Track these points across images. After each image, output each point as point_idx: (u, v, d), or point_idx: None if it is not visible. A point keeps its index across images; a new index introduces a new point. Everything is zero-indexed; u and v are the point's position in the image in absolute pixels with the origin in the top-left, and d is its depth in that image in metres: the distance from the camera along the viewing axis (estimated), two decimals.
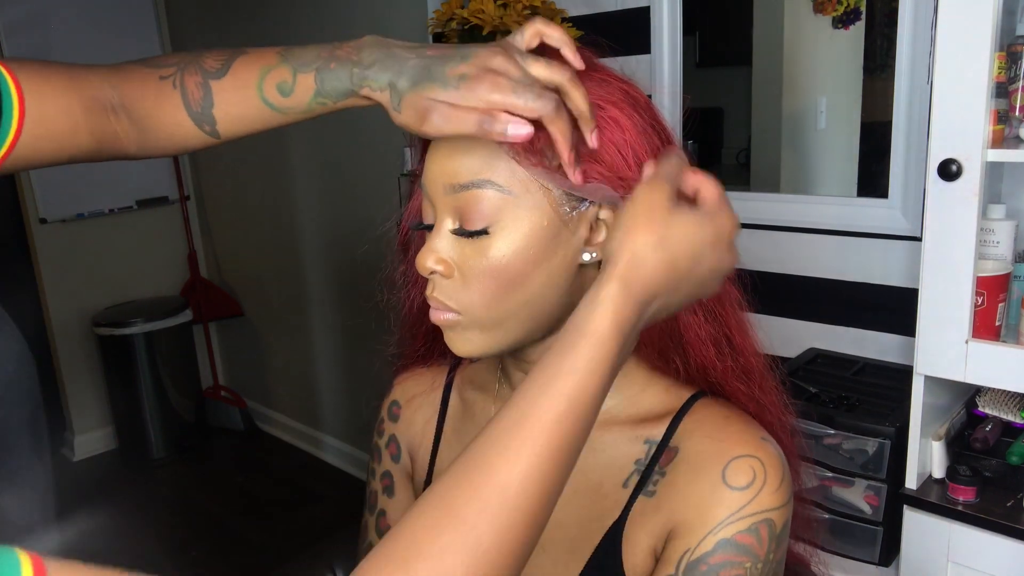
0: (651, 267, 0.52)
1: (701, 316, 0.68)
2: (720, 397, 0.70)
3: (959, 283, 1.17)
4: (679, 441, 0.67)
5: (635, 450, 0.68)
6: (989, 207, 1.18)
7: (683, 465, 0.65)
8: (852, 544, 1.44)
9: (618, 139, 0.63)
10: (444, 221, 0.63)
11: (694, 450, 0.65)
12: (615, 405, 0.70)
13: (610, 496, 0.68)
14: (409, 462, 0.83)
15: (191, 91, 0.71)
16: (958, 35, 1.11)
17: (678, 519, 0.63)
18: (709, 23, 1.99)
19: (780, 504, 0.63)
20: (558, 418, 0.48)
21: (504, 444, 0.48)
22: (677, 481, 0.65)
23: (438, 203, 0.63)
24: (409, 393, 0.84)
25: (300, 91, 0.68)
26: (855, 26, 1.71)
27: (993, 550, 1.19)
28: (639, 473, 0.67)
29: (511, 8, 1.82)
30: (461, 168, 0.61)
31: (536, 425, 0.48)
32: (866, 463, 1.41)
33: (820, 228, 1.69)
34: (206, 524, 2.91)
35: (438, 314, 0.64)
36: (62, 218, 3.22)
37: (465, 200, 0.61)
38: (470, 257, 0.61)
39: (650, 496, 0.66)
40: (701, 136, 1.98)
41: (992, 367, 1.17)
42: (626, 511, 0.67)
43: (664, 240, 0.52)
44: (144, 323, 3.21)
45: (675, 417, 0.68)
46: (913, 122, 1.51)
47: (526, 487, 0.47)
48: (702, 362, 0.68)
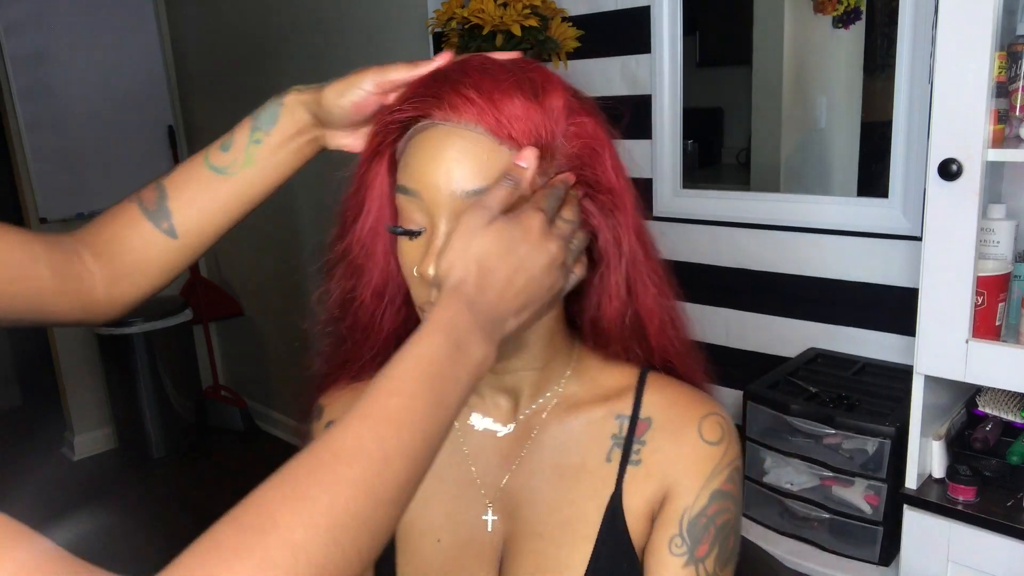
0: (462, 274, 0.57)
1: (656, 307, 0.73)
2: (659, 370, 0.76)
3: (959, 283, 1.17)
4: (648, 412, 0.73)
5: (609, 426, 0.73)
6: (989, 207, 1.18)
7: (660, 432, 0.71)
8: (852, 544, 1.44)
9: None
10: (451, 225, 0.62)
11: (665, 417, 0.72)
12: (578, 390, 0.74)
13: (597, 472, 0.72)
14: None
15: (146, 196, 0.75)
16: (958, 35, 1.11)
17: (670, 481, 0.70)
18: (709, 23, 1.99)
19: (739, 449, 0.73)
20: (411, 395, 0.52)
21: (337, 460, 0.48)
22: (660, 447, 0.71)
23: (440, 208, 0.62)
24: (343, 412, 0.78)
25: (238, 136, 0.73)
26: (855, 26, 1.71)
27: (993, 550, 1.19)
28: (619, 446, 0.72)
29: (511, 8, 1.82)
30: (475, 173, 0.61)
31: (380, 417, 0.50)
32: (866, 463, 1.41)
33: (820, 228, 1.69)
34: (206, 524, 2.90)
35: None
36: (62, 218, 3.22)
37: None
38: None
39: (637, 465, 0.71)
40: (701, 136, 1.98)
41: (992, 367, 1.17)
42: (619, 483, 0.71)
43: (470, 249, 0.57)
44: (144, 323, 3.21)
45: (637, 392, 0.74)
46: (913, 122, 1.51)
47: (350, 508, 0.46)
48: (662, 345, 0.74)
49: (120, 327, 3.20)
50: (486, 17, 1.82)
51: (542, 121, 0.63)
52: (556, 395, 0.74)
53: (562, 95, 0.65)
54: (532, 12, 1.83)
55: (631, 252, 0.71)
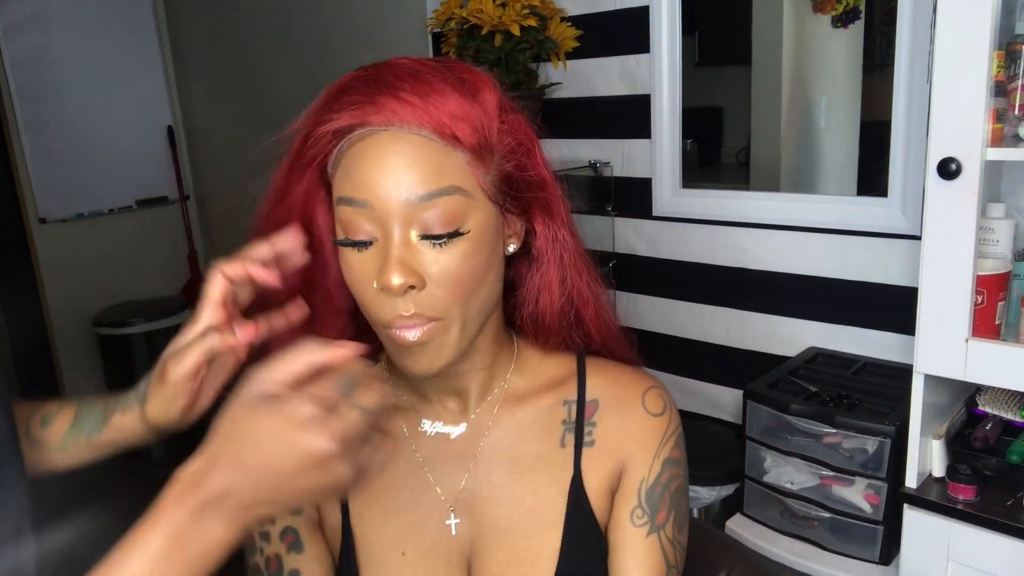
0: (212, 449, 0.53)
1: (589, 294, 0.74)
2: (592, 354, 0.79)
3: (959, 282, 1.17)
4: (594, 394, 0.76)
5: (557, 412, 0.75)
6: (988, 206, 1.18)
7: (608, 411, 0.75)
8: (852, 543, 1.44)
9: None
10: (406, 232, 0.61)
11: (611, 396, 0.75)
12: (523, 382, 0.76)
13: (554, 459, 0.74)
14: (314, 510, 0.74)
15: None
16: (957, 34, 1.11)
17: (625, 455, 0.74)
18: (709, 23, 1.99)
19: (679, 416, 0.78)
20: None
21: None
22: (610, 426, 0.74)
23: (393, 217, 0.60)
24: None
25: (59, 420, 0.73)
26: (854, 25, 1.71)
27: (993, 549, 1.19)
28: (571, 430, 0.74)
29: (510, 8, 1.82)
30: (426, 177, 0.60)
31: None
32: (866, 462, 1.41)
33: (820, 227, 1.69)
34: None
35: (416, 331, 0.62)
36: (62, 218, 3.22)
37: (433, 207, 0.60)
38: (436, 263, 0.61)
39: (591, 446, 0.74)
40: (701, 136, 1.98)
41: (992, 366, 1.17)
42: (577, 466, 0.73)
43: (228, 428, 0.53)
44: (144, 323, 3.21)
45: (579, 376, 0.76)
46: (912, 121, 1.51)
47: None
48: (598, 329, 0.77)
49: (120, 327, 3.20)
50: (485, 17, 1.82)
51: (480, 119, 0.63)
52: (503, 390, 0.75)
53: (494, 92, 0.65)
54: (531, 12, 1.83)
55: (564, 244, 0.72)
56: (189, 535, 0.51)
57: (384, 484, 0.72)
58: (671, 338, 1.99)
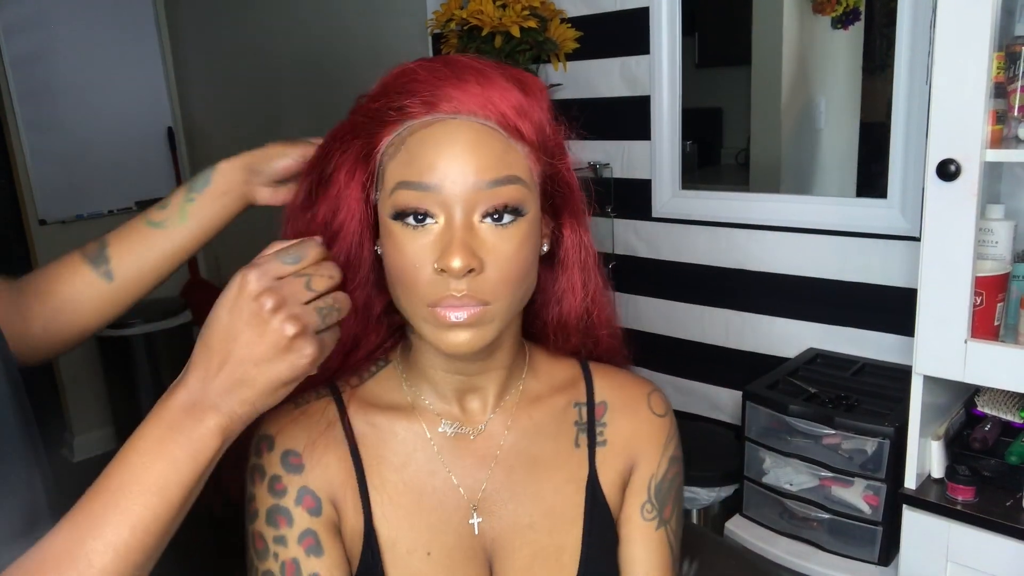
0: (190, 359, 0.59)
1: (602, 298, 0.77)
2: (593, 359, 0.82)
3: (958, 283, 1.17)
4: (602, 396, 0.79)
5: (569, 415, 0.78)
6: (988, 207, 1.18)
7: (617, 413, 0.78)
8: (851, 544, 1.44)
9: None
10: (469, 217, 0.62)
11: (618, 399, 0.79)
12: (536, 384, 0.78)
13: (570, 458, 0.76)
14: (333, 511, 0.71)
15: (88, 247, 0.86)
16: (957, 35, 1.11)
17: (636, 453, 0.78)
18: (709, 23, 1.99)
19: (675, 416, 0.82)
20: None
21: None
22: (620, 426, 0.78)
23: (459, 201, 0.62)
24: (303, 438, 0.72)
25: (175, 200, 0.85)
26: (854, 26, 1.71)
27: (992, 550, 1.19)
28: (583, 431, 0.78)
29: (510, 9, 1.82)
30: (492, 164, 0.63)
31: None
32: (865, 463, 1.41)
33: (819, 228, 1.69)
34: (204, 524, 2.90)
35: (463, 311, 0.62)
36: (62, 219, 3.22)
37: (499, 195, 0.63)
38: (496, 247, 0.63)
39: (604, 446, 0.77)
40: (700, 137, 1.98)
41: (991, 367, 1.17)
42: (592, 465, 0.76)
43: (207, 325, 0.58)
44: (144, 324, 3.21)
45: (587, 380, 0.80)
46: (912, 122, 1.51)
47: None
48: (610, 335, 0.80)
49: (120, 328, 3.20)
50: (485, 18, 1.82)
51: (538, 116, 0.66)
52: (519, 391, 0.77)
53: (546, 94, 0.68)
54: (531, 13, 1.83)
55: (587, 249, 0.74)
56: (180, 423, 0.57)
57: (406, 485, 0.72)
58: (670, 339, 1.99)
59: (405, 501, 0.72)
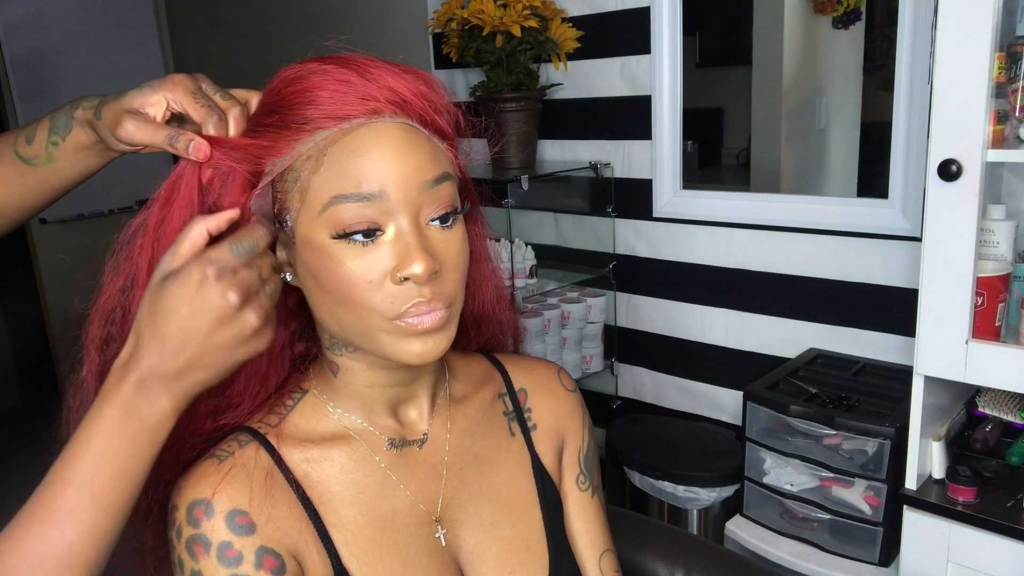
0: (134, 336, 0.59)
1: (505, 295, 0.81)
2: (497, 345, 0.85)
3: (959, 283, 1.17)
4: (519, 383, 0.82)
5: (497, 407, 0.80)
6: (989, 207, 1.18)
7: (536, 396, 0.82)
8: (852, 544, 1.44)
9: None
10: (416, 220, 0.60)
11: (534, 382, 0.82)
12: (459, 386, 0.78)
13: (511, 449, 0.79)
14: (297, 566, 0.64)
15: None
16: (958, 35, 1.11)
17: (562, 430, 0.82)
18: (709, 23, 1.99)
19: None
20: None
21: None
22: (543, 408, 0.82)
23: (404, 205, 0.59)
24: (244, 494, 0.63)
25: (39, 134, 0.77)
26: (855, 26, 1.71)
27: (993, 550, 1.19)
28: (514, 420, 0.80)
29: (511, 8, 1.82)
30: (426, 164, 0.61)
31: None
32: (866, 463, 1.41)
33: (820, 228, 1.69)
34: None
35: (432, 315, 0.61)
36: (62, 218, 3.22)
37: (438, 192, 0.61)
38: (447, 246, 0.62)
39: (535, 429, 0.81)
40: (701, 137, 1.98)
41: (992, 367, 1.17)
42: (532, 450, 0.79)
43: (142, 310, 0.59)
44: None
45: (501, 370, 0.82)
46: (913, 122, 1.51)
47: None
48: (512, 316, 0.84)
49: None
50: (486, 18, 1.82)
51: (450, 109, 0.65)
52: (446, 395, 0.76)
53: (440, 82, 0.66)
54: (532, 13, 1.83)
55: (486, 239, 0.76)
56: (137, 408, 0.57)
57: (365, 516, 0.68)
58: (671, 339, 1.99)
59: (369, 532, 0.68)
